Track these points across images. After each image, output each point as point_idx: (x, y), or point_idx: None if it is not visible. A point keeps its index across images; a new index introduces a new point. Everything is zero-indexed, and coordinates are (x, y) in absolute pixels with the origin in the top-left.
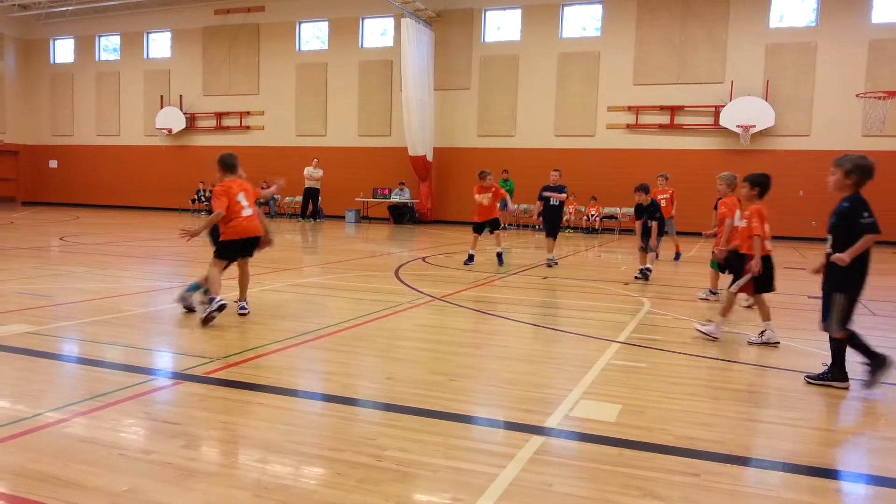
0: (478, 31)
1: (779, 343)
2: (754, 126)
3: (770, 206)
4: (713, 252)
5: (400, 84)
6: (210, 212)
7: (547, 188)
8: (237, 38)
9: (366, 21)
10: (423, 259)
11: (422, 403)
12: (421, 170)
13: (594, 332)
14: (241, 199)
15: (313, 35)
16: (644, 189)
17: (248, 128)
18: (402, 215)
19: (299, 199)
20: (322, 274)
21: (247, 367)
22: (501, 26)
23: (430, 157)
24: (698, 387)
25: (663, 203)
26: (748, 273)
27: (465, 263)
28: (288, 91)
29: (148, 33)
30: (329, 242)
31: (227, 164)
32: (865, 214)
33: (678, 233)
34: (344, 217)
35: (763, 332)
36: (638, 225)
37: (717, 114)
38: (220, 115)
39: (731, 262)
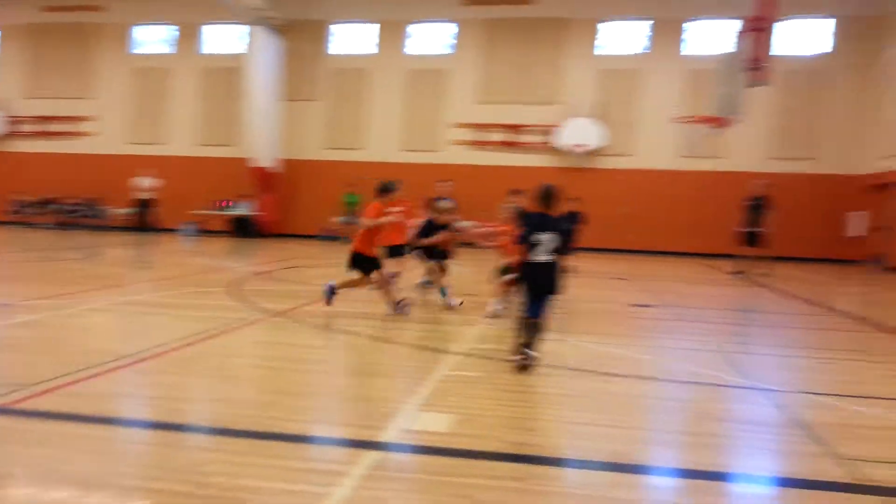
0: (328, 44)
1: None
2: (586, 145)
3: (599, 220)
4: None
5: (245, 93)
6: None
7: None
8: (69, 38)
9: (211, 27)
10: (265, 273)
11: (254, 425)
12: (265, 181)
13: (433, 343)
14: None
15: (154, 39)
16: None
17: (78, 134)
18: (244, 228)
19: (132, 210)
20: (151, 291)
21: (60, 396)
22: (352, 40)
23: (276, 169)
24: (527, 393)
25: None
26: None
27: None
28: (123, 96)
29: None
30: (162, 257)
31: None
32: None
33: None
34: (182, 230)
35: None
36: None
37: (553, 133)
38: (45, 120)
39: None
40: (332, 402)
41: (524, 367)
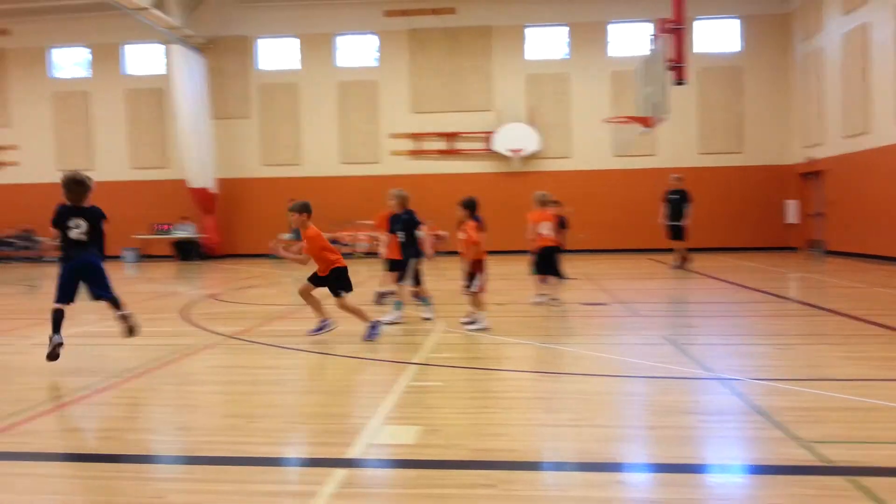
0: (253, 59)
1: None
2: (522, 150)
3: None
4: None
5: (173, 113)
6: None
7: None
8: None
9: (130, 47)
10: (214, 296)
11: (216, 451)
12: (204, 202)
13: (391, 355)
14: None
15: (71, 62)
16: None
17: (0, 164)
18: (188, 251)
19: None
20: (99, 321)
21: (8, 435)
22: (278, 55)
23: (213, 189)
24: (490, 399)
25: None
26: (480, 273)
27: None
28: (44, 122)
29: None
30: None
31: None
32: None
33: None
34: (121, 257)
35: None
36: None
37: (489, 139)
38: None
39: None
40: (296, 421)
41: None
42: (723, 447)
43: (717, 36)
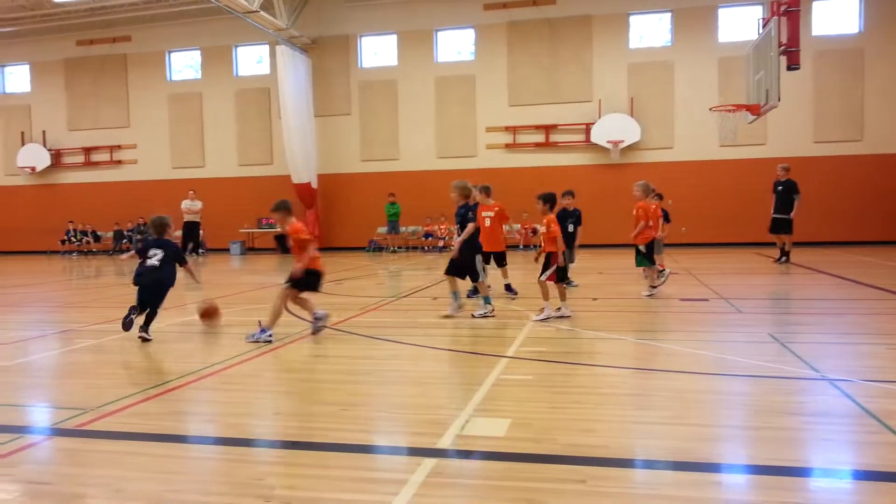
0: (355, 57)
1: (570, 316)
2: (622, 141)
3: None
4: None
5: (279, 112)
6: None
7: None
8: (103, 70)
9: (239, 49)
10: None
11: (312, 437)
12: (306, 197)
13: (483, 349)
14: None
15: (185, 64)
16: (570, 194)
17: (119, 162)
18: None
19: (179, 233)
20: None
21: (123, 416)
22: (378, 52)
23: (314, 184)
24: (582, 394)
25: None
26: (554, 264)
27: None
28: (161, 122)
29: (3, 67)
30: (213, 277)
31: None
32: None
33: None
34: (229, 250)
35: (542, 309)
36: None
37: (588, 131)
38: (88, 150)
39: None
40: (388, 411)
41: None
42: (829, 450)
43: (834, 17)
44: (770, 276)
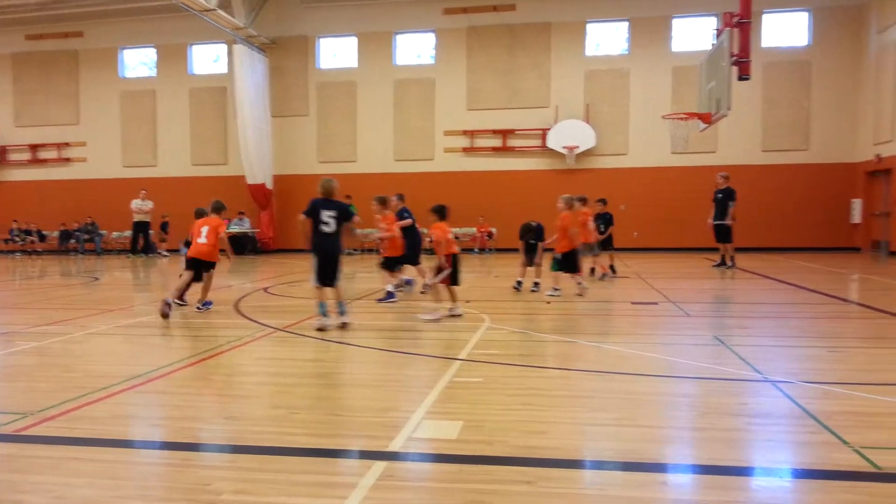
0: (313, 58)
1: (460, 315)
2: (578, 147)
3: None
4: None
5: (235, 111)
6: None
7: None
8: (53, 65)
9: (195, 47)
10: (265, 290)
11: (260, 441)
12: (261, 198)
13: (436, 351)
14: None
15: (139, 62)
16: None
17: (68, 160)
18: (243, 246)
19: (128, 233)
20: (155, 312)
21: (65, 421)
22: (337, 53)
23: (269, 185)
24: (534, 396)
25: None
26: (444, 269)
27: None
28: (112, 120)
29: None
30: (163, 278)
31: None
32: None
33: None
34: (180, 251)
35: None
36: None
37: (544, 136)
38: (35, 148)
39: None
40: (340, 414)
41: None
42: (771, 450)
43: (784, 30)
44: (717, 280)
